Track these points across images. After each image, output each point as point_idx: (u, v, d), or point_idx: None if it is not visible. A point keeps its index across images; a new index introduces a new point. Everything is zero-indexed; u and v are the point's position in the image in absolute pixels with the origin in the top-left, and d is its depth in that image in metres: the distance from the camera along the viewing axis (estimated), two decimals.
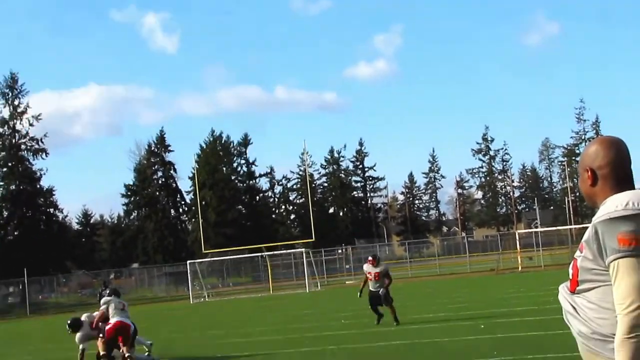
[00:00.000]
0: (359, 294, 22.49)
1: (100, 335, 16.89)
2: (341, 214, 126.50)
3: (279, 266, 77.76)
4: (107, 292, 18.02)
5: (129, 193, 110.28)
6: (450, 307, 26.49)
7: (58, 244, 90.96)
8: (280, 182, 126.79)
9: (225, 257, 74.99)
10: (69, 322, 17.83)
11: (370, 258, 21.99)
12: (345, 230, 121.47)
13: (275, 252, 76.80)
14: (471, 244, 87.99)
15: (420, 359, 13.77)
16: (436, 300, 30.58)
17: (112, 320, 16.73)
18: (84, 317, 17.76)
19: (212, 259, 73.33)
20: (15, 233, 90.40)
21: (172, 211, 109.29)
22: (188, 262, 63.16)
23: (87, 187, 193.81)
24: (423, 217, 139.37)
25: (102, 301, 17.26)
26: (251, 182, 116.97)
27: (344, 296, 42.35)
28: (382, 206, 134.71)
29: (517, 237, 61.15)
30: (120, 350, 16.41)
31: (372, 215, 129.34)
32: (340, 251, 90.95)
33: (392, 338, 17.79)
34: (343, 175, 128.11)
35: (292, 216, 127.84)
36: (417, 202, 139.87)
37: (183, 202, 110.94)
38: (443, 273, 61.82)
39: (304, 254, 60.90)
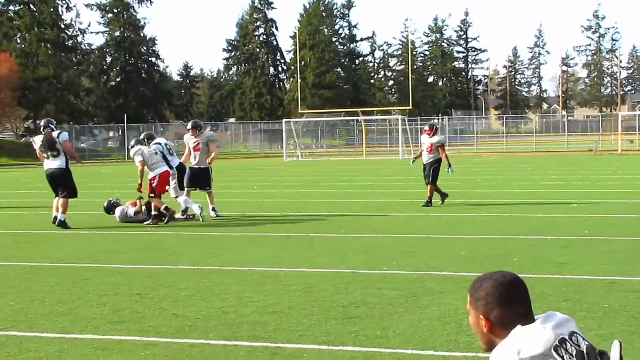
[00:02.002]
0: (411, 161, 20.92)
1: (151, 194, 16.14)
2: (440, 83, 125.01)
3: (373, 132, 77.73)
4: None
5: (230, 48, 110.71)
6: (544, 184, 26.14)
7: (158, 93, 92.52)
8: (381, 48, 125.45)
9: (321, 119, 75.30)
10: (105, 205, 17.11)
11: (426, 128, 19.35)
12: (443, 100, 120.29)
13: (371, 118, 76.60)
14: (571, 123, 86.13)
15: (509, 230, 13.64)
16: (530, 177, 30.21)
17: (156, 172, 16.15)
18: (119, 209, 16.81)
19: (308, 119, 73.66)
20: (118, 79, 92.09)
21: (272, 69, 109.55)
22: (284, 120, 63.71)
23: (189, 40, 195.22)
24: (524, 93, 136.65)
25: (133, 152, 16.43)
26: (352, 45, 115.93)
27: None
28: (483, 79, 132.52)
29: (620, 119, 59.65)
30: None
31: (472, 87, 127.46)
32: (436, 121, 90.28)
33: (482, 210, 17.67)
34: (445, 45, 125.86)
35: (391, 83, 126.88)
36: (519, 77, 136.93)
37: (283, 61, 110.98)
38: (539, 150, 60.95)
39: (399, 122, 60.62)
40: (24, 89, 77.89)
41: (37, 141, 15.99)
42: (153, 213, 16.14)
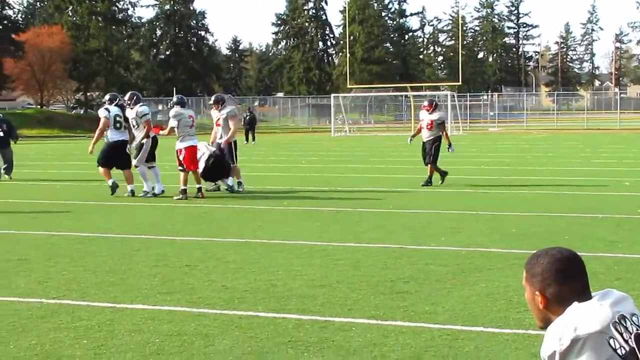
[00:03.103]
0: (409, 140, 19.82)
1: (180, 168, 15.76)
2: (490, 59, 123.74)
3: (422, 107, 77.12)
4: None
5: (278, 22, 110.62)
6: (594, 161, 25.83)
7: (207, 66, 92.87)
8: (431, 23, 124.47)
9: (369, 94, 74.95)
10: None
11: (425, 104, 18.70)
12: (492, 76, 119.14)
13: (420, 93, 76.06)
14: (624, 100, 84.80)
15: (559, 208, 13.50)
16: (580, 154, 29.86)
17: (184, 144, 15.77)
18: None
19: (356, 94, 73.38)
20: (167, 53, 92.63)
21: (320, 44, 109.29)
22: (332, 95, 63.54)
23: (238, 14, 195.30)
24: (575, 69, 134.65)
25: (172, 113, 16.04)
26: (401, 20, 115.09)
27: (485, 142, 41.94)
28: (534, 55, 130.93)
29: None
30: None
31: (522, 63, 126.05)
32: (485, 97, 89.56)
33: (531, 187, 17.52)
34: (496, 20, 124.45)
35: (440, 58, 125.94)
36: (570, 53, 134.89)
37: (332, 36, 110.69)
38: (590, 128, 60.18)
39: (448, 97, 60.11)
40: (75, 61, 78.78)
41: (114, 111, 16.31)
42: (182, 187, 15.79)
